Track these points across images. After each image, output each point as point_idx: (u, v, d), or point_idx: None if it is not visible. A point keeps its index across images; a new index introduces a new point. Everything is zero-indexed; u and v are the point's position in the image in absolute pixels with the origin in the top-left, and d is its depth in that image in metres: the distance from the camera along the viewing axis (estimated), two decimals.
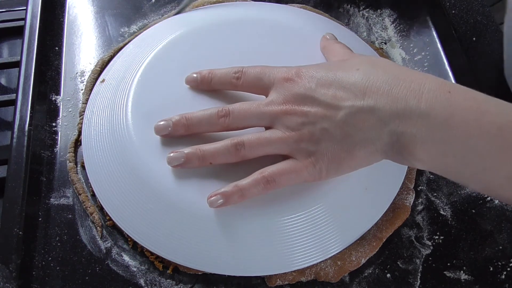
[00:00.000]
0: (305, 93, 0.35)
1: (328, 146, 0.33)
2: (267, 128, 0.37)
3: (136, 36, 0.49)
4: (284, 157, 0.36)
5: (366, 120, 0.32)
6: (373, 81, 0.32)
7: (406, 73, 0.32)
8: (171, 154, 0.37)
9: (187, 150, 0.37)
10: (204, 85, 0.41)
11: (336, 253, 0.37)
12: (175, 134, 0.38)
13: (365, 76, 0.33)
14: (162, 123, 0.38)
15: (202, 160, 0.36)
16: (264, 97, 0.38)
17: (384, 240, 0.39)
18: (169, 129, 0.38)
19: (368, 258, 0.38)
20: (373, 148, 0.33)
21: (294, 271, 0.37)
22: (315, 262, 0.36)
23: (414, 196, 0.41)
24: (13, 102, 0.44)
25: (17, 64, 0.46)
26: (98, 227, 0.39)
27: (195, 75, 0.41)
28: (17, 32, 0.53)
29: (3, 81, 0.52)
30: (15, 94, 0.44)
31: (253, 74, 0.38)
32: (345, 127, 0.33)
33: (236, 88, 0.40)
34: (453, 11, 0.50)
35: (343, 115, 0.33)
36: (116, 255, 0.38)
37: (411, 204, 0.41)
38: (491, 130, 0.29)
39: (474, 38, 0.36)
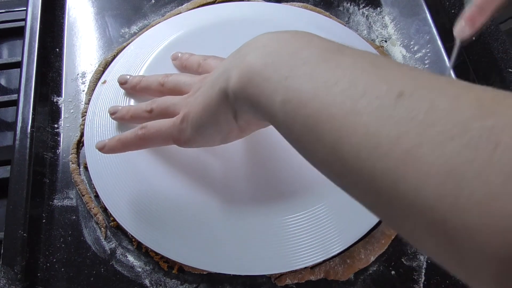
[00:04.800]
0: None
1: None
2: None
3: (138, 36, 0.49)
4: None
5: None
6: None
7: None
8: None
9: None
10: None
11: (343, 252, 0.37)
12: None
13: None
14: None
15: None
16: None
17: (393, 237, 0.39)
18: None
19: (377, 255, 0.38)
20: None
21: (303, 270, 0.37)
22: (318, 261, 0.36)
23: None
24: (13, 103, 0.44)
25: (17, 65, 0.46)
26: (102, 228, 0.39)
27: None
28: (17, 32, 0.52)
29: (2, 82, 0.52)
30: (15, 95, 0.43)
31: None
32: None
33: None
34: (453, 11, 0.50)
35: None
36: (120, 256, 0.38)
37: None
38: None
39: (474, 38, 0.36)
